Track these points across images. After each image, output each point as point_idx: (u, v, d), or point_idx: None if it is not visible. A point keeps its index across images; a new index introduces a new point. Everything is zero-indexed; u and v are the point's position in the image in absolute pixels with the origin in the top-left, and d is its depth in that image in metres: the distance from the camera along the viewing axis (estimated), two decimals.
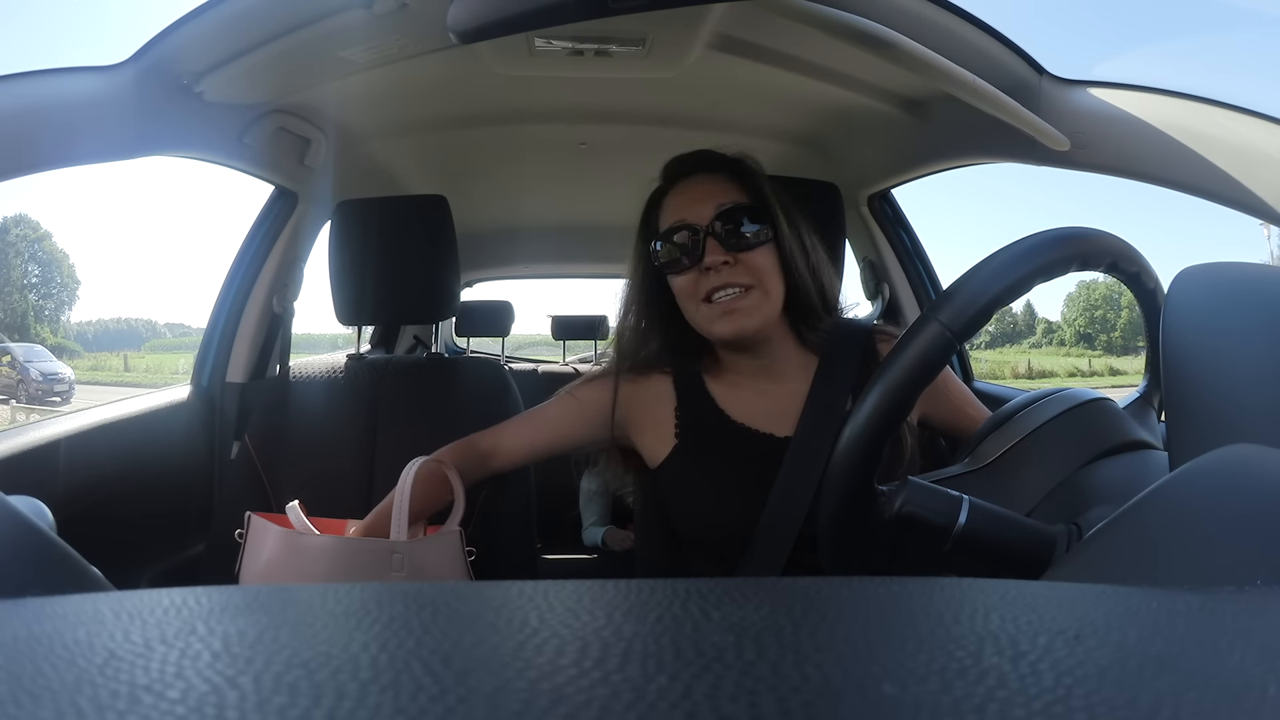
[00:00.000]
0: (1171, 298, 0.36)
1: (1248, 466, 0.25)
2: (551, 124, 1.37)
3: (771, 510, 0.75)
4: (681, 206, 0.80)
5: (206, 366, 1.35)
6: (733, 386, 0.84)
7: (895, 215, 1.51)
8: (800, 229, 0.81)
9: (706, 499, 0.80)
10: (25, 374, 16.93)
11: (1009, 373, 37.22)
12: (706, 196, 0.79)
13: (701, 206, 0.78)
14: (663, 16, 0.93)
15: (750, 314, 0.76)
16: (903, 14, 0.84)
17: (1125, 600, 0.19)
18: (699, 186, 0.81)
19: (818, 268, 0.81)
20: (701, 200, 0.79)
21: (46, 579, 0.23)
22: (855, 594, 0.20)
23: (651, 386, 0.86)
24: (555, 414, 0.88)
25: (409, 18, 0.85)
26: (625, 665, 0.15)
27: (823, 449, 0.75)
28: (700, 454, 0.81)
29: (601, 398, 0.86)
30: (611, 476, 0.92)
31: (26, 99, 0.77)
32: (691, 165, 0.83)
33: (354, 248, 1.07)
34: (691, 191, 0.81)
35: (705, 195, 0.79)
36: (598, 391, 0.87)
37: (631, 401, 0.86)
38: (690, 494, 0.81)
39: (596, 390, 0.87)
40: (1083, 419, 0.49)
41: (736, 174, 0.81)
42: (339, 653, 0.15)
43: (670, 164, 0.86)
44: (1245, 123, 0.75)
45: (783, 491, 0.75)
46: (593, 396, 0.87)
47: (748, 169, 0.82)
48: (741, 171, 0.81)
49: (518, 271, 2.78)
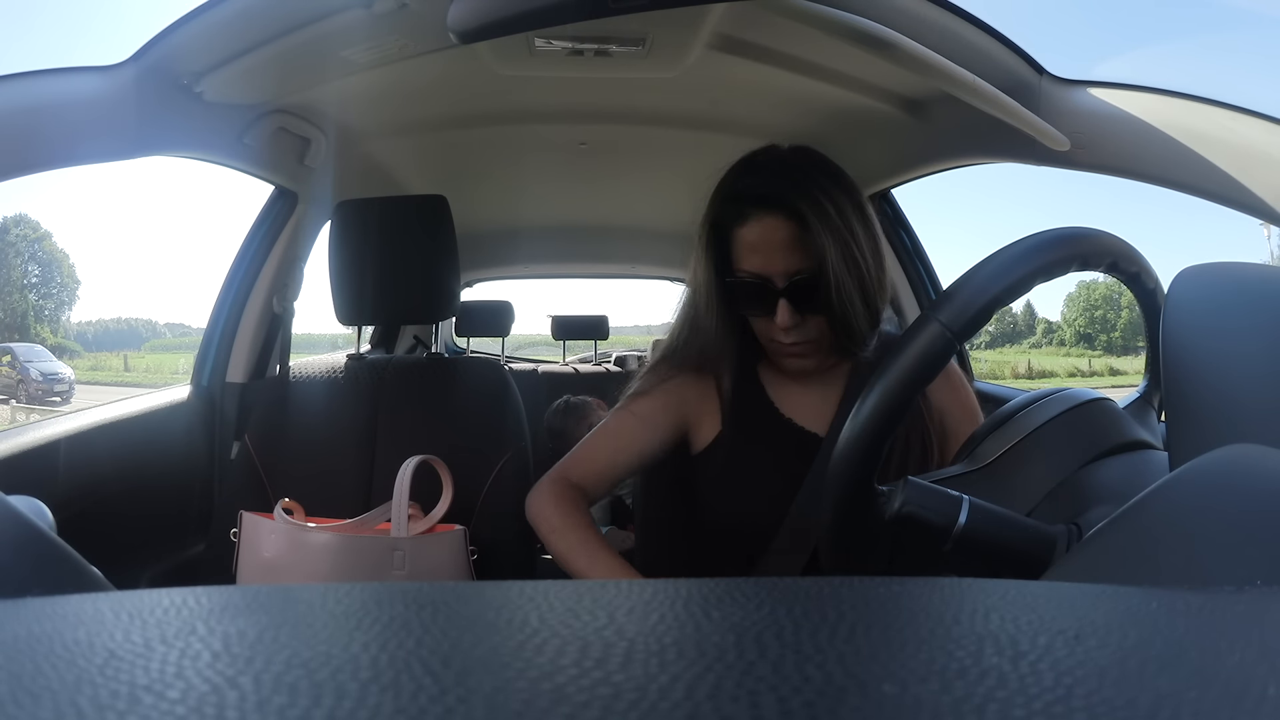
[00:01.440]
0: (1171, 298, 0.36)
1: (1248, 466, 0.25)
2: (551, 124, 1.37)
3: (798, 507, 0.76)
4: (756, 253, 0.76)
5: (206, 366, 1.35)
6: (782, 381, 0.84)
7: (895, 215, 1.51)
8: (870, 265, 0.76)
9: (744, 488, 0.80)
10: (25, 374, 16.93)
11: (1009, 373, 37.20)
12: (782, 250, 0.75)
13: (776, 260, 0.75)
14: (663, 16, 0.93)
15: (813, 357, 0.80)
16: (903, 14, 0.84)
17: (1125, 600, 0.19)
18: (775, 234, 0.75)
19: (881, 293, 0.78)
20: (777, 252, 0.75)
21: (46, 579, 0.23)
22: (855, 594, 0.20)
23: (702, 378, 0.84)
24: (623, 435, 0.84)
25: (409, 18, 0.85)
26: (626, 665, 0.15)
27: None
28: (745, 443, 0.82)
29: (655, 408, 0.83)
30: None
31: (26, 99, 0.77)
32: (768, 198, 0.76)
33: (354, 248, 1.07)
34: (769, 238, 0.76)
35: (781, 247, 0.75)
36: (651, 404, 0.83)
37: (687, 397, 0.84)
38: (729, 482, 0.81)
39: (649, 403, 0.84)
40: (1083, 419, 0.49)
41: (823, 227, 0.74)
42: (339, 653, 0.15)
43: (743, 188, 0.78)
44: (1245, 123, 0.75)
45: (810, 490, 0.76)
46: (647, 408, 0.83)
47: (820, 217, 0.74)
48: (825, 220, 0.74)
49: (518, 271, 2.78)
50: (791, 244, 0.75)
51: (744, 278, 0.77)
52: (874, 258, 0.77)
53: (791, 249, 0.75)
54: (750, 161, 0.80)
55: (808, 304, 0.76)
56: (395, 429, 1.05)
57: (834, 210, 0.74)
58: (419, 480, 0.92)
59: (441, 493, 0.93)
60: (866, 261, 0.76)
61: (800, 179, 0.76)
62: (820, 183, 0.76)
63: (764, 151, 0.80)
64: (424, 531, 0.90)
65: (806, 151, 0.81)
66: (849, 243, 0.74)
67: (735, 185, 0.79)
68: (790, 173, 0.77)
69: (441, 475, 0.94)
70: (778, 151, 0.80)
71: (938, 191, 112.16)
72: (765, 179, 0.78)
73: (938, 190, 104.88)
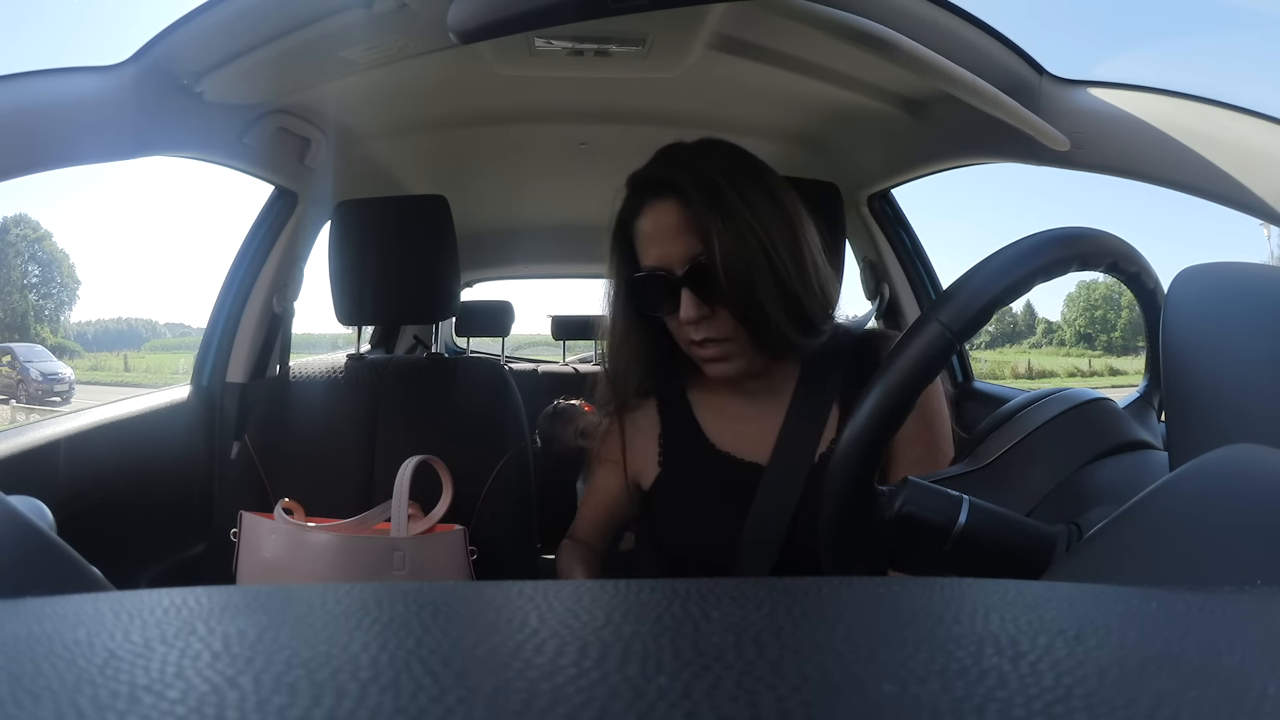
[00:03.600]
0: (1171, 298, 0.36)
1: (1248, 466, 0.25)
2: (551, 124, 1.37)
3: (747, 539, 0.74)
4: (653, 243, 0.74)
5: (206, 366, 1.35)
6: (717, 411, 0.82)
7: (895, 215, 1.51)
8: (778, 247, 0.71)
9: (692, 526, 0.79)
10: (25, 374, 16.94)
11: (1009, 373, 37.23)
12: (675, 235, 0.72)
13: (671, 247, 0.72)
14: (663, 16, 0.93)
15: (735, 358, 0.75)
16: (903, 14, 0.84)
17: (1125, 600, 0.19)
18: (666, 219, 0.73)
19: (803, 285, 0.73)
20: (670, 238, 0.72)
21: (46, 579, 0.23)
22: (855, 594, 0.20)
23: (642, 415, 0.84)
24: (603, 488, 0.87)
25: (409, 18, 0.85)
26: (625, 665, 0.15)
27: (795, 479, 0.74)
28: (684, 482, 0.80)
29: (615, 446, 0.85)
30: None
31: (26, 99, 0.77)
32: (657, 182, 0.74)
33: (354, 248, 1.07)
34: (661, 224, 0.73)
35: (677, 233, 0.72)
36: (612, 443, 0.86)
37: (628, 436, 0.85)
38: (676, 520, 0.80)
39: (610, 443, 0.86)
40: (1083, 419, 0.49)
41: (710, 203, 0.71)
42: (339, 653, 0.15)
43: (636, 180, 0.77)
44: (1245, 123, 0.75)
45: (758, 520, 0.74)
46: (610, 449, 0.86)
47: (706, 193, 0.71)
48: (714, 197, 0.71)
49: (518, 271, 2.78)
50: (683, 227, 0.72)
51: (647, 272, 0.75)
52: (788, 244, 0.72)
53: (683, 232, 0.72)
54: (655, 156, 0.78)
55: (708, 292, 0.71)
56: (395, 429, 1.05)
57: (728, 187, 0.71)
58: (419, 480, 0.92)
59: (441, 493, 0.93)
60: (773, 246, 0.70)
61: (690, 160, 0.74)
62: (716, 162, 0.73)
63: (669, 145, 0.78)
64: (424, 531, 0.90)
65: (710, 140, 0.77)
66: (746, 221, 0.70)
67: (631, 178, 0.78)
68: (680, 155, 0.75)
69: (441, 475, 0.94)
70: (680, 143, 0.78)
71: (938, 192, 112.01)
72: (657, 166, 0.76)
73: (938, 191, 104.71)
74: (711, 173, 0.72)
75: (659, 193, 0.74)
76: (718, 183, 0.71)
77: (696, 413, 0.82)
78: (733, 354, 0.74)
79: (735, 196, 0.71)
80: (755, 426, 0.79)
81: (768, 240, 0.70)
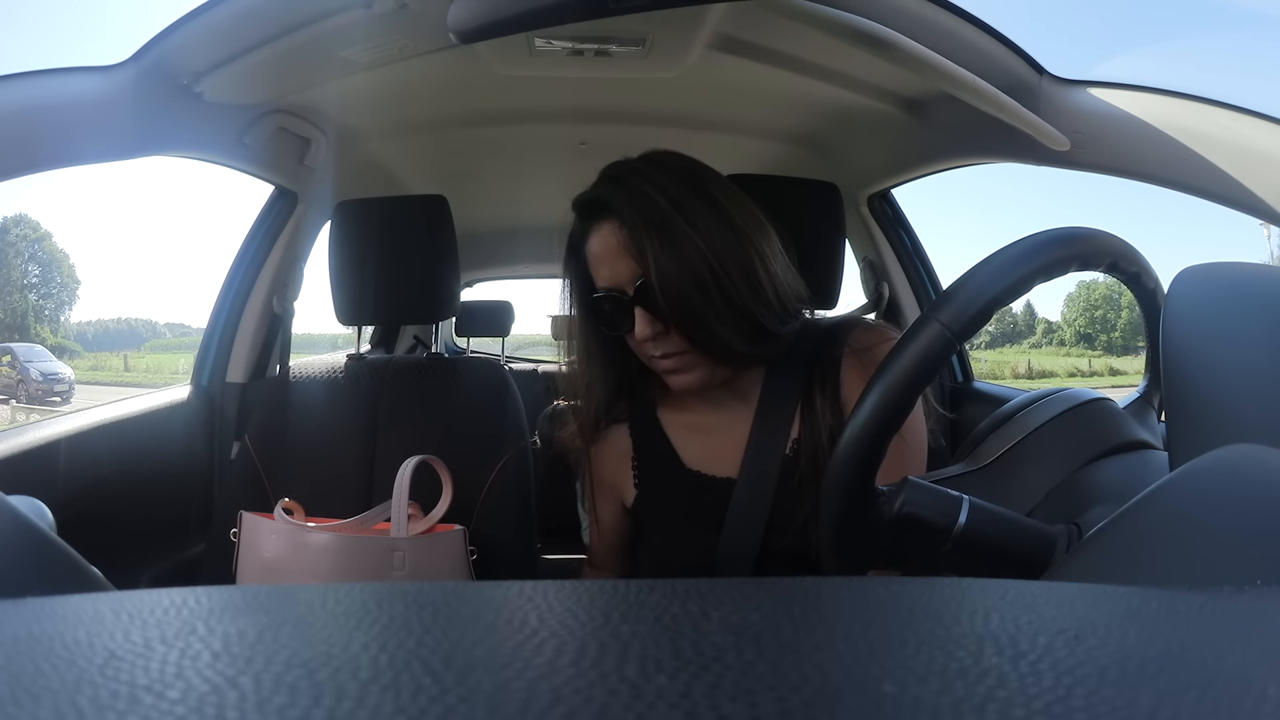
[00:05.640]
0: (1171, 298, 0.36)
1: (1248, 466, 0.25)
2: (551, 124, 1.37)
3: (722, 553, 0.75)
4: (602, 264, 0.73)
5: (206, 366, 1.35)
6: (687, 427, 0.82)
7: (895, 215, 1.51)
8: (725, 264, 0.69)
9: (669, 546, 0.80)
10: (25, 374, 16.95)
11: (1009, 373, 37.23)
12: (619, 256, 0.71)
13: (618, 268, 0.71)
14: (663, 17, 0.93)
15: (695, 369, 0.73)
16: (903, 14, 0.84)
17: (1125, 600, 0.19)
18: (610, 240, 0.72)
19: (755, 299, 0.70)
20: (616, 260, 0.71)
21: (46, 579, 0.23)
22: (855, 594, 0.20)
23: (613, 439, 0.84)
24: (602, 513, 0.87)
25: (409, 18, 0.85)
26: (624, 665, 0.15)
27: (766, 489, 0.74)
28: (659, 503, 0.81)
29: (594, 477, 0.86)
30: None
31: (26, 99, 0.77)
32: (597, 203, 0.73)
33: (354, 248, 1.07)
34: (606, 245, 0.72)
35: (617, 254, 0.71)
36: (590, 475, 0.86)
37: (607, 462, 0.85)
38: (655, 541, 0.81)
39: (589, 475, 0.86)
40: (1083, 419, 0.49)
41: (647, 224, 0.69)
42: (339, 653, 0.15)
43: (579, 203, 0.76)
44: (1245, 123, 0.75)
45: (731, 535, 0.75)
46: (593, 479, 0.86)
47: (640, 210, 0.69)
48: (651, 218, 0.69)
49: (518, 271, 2.77)
50: (626, 248, 0.71)
51: (603, 293, 0.74)
52: (736, 259, 0.69)
53: (625, 254, 0.71)
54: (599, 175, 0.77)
55: (656, 311, 0.70)
56: (395, 429, 1.05)
57: (667, 205, 0.69)
58: (419, 480, 0.92)
59: (441, 493, 0.93)
60: (718, 263, 0.68)
61: (628, 179, 0.72)
62: (655, 180, 0.71)
63: (612, 164, 0.76)
64: (424, 531, 0.90)
65: (654, 155, 0.75)
66: (688, 239, 0.68)
67: (574, 201, 0.77)
68: (619, 174, 0.73)
69: (441, 475, 0.94)
70: (623, 161, 0.76)
71: (938, 192, 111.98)
72: (598, 187, 0.75)
73: (938, 191, 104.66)
74: (651, 192, 0.70)
75: (600, 214, 0.73)
76: (657, 203, 0.69)
77: (667, 430, 0.82)
78: (691, 365, 0.73)
79: (674, 214, 0.69)
80: (726, 436, 0.79)
81: (711, 258, 0.68)
